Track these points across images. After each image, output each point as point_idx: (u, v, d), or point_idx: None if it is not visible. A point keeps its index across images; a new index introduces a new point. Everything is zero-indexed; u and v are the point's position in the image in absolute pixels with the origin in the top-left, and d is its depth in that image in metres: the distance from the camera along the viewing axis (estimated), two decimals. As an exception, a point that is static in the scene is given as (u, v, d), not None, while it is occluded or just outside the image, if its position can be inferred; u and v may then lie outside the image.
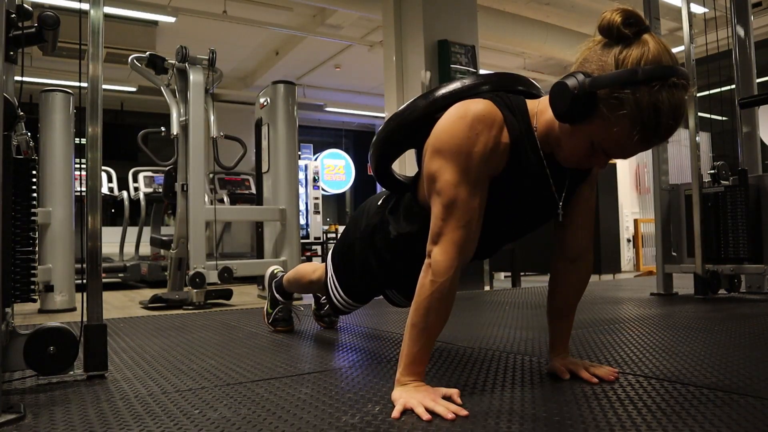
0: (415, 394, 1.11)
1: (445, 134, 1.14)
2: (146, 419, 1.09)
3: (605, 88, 0.98)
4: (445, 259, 1.13)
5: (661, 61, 0.97)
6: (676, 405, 1.11)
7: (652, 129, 0.98)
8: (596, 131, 1.03)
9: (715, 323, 2.22)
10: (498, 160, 1.15)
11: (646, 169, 8.23)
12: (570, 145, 1.10)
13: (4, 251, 1.27)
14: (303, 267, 2.03)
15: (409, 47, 4.39)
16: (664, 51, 0.98)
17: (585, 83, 0.99)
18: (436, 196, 1.15)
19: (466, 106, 1.14)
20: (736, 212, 3.07)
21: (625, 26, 0.99)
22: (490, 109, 1.13)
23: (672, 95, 0.97)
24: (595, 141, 1.05)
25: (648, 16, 3.59)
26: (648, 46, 0.98)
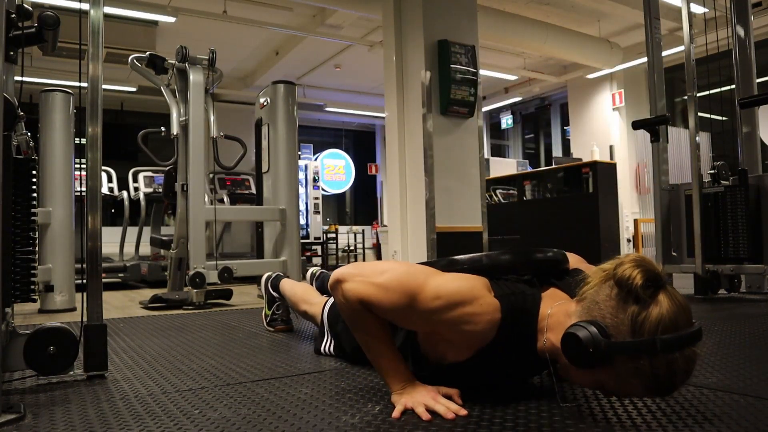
0: (416, 394, 1.11)
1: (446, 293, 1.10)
2: (146, 419, 1.09)
3: (622, 354, 0.95)
4: (358, 292, 1.13)
5: (677, 323, 0.94)
6: (676, 405, 1.12)
7: (664, 391, 0.98)
8: (606, 380, 1.00)
9: (715, 323, 2.22)
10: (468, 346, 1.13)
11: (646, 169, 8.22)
12: (578, 377, 1.05)
13: (4, 251, 1.27)
14: (304, 291, 2.02)
15: (409, 47, 4.39)
16: (679, 311, 0.95)
17: (600, 344, 0.95)
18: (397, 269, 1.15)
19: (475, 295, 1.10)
20: (736, 212, 3.07)
21: (644, 288, 0.96)
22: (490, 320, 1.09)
23: (685, 357, 0.94)
24: (603, 384, 1.02)
25: (648, 16, 3.60)
26: (663, 309, 0.95)
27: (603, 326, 0.97)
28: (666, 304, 0.95)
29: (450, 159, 4.24)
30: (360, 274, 1.15)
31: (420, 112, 3.93)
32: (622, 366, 0.95)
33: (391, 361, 1.17)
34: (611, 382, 0.99)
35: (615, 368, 0.96)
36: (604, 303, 0.99)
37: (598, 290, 1.01)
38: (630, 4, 6.69)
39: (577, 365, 0.99)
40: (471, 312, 1.08)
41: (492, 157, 9.41)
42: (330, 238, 9.54)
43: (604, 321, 0.98)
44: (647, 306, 0.95)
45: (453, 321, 1.09)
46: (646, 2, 3.57)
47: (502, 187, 7.31)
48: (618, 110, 8.70)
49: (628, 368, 0.95)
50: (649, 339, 0.93)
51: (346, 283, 1.15)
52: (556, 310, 1.09)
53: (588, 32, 7.77)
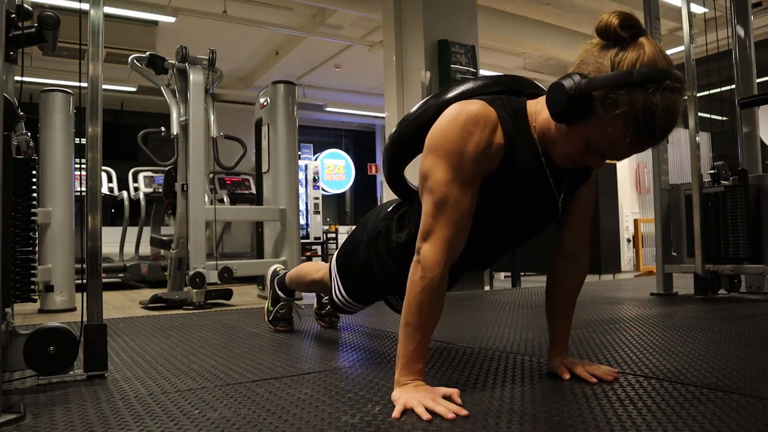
0: (415, 394, 1.11)
1: (438, 134, 1.16)
2: (146, 419, 1.09)
3: (601, 89, 1.00)
4: (434, 255, 1.14)
5: (657, 63, 0.99)
6: (676, 405, 1.12)
7: (647, 130, 1.00)
8: (591, 131, 1.04)
9: (715, 323, 2.22)
10: (491, 159, 1.16)
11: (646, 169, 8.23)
12: (565, 145, 1.11)
13: (4, 251, 1.27)
14: (306, 266, 2.04)
15: (409, 47, 4.39)
16: (659, 54, 1.00)
17: (581, 84, 1.01)
18: (428, 193, 1.16)
19: (460, 107, 1.16)
20: (736, 212, 3.07)
21: (622, 28, 1.01)
22: (483, 110, 1.15)
23: (666, 97, 0.98)
24: (590, 141, 1.06)
25: (648, 16, 3.60)
26: (644, 49, 0.99)
27: (585, 73, 1.03)
28: (647, 46, 1.00)
29: (450, 159, 4.23)
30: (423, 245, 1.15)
31: (420, 112, 3.92)
32: (604, 107, 1.00)
33: (417, 354, 1.16)
34: (595, 133, 1.04)
35: (597, 113, 1.01)
36: (588, 59, 1.05)
37: (583, 56, 1.07)
38: (630, 4, 6.68)
39: (563, 116, 1.04)
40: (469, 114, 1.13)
41: (492, 157, 9.40)
42: (330, 238, 9.54)
43: (587, 69, 1.04)
44: (626, 47, 1.00)
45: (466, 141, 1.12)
46: (646, 2, 3.57)
47: (502, 187, 7.30)
48: (618, 110, 8.68)
49: (608, 108, 0.99)
50: (626, 71, 0.98)
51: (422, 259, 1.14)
52: (542, 104, 1.15)
53: (588, 32, 7.76)
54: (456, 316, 2.60)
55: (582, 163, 1.14)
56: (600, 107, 1.01)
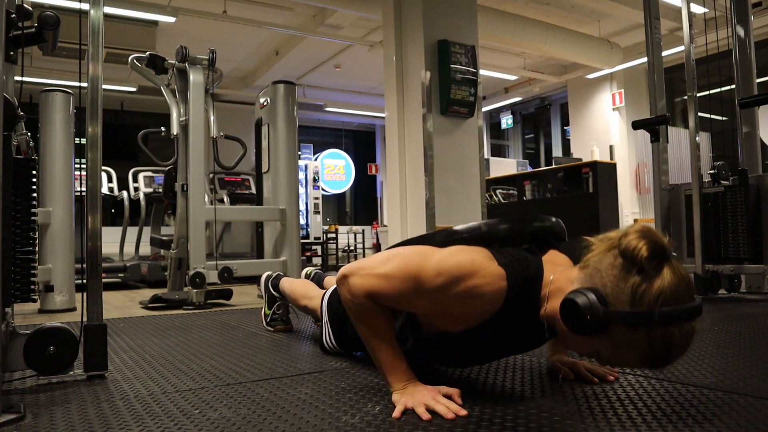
0: (416, 394, 1.11)
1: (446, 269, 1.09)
2: (146, 419, 1.09)
3: (620, 323, 0.95)
4: (363, 284, 1.14)
5: (678, 297, 0.93)
6: (676, 405, 1.11)
7: (661, 362, 0.98)
8: (602, 348, 1.00)
9: (715, 323, 2.22)
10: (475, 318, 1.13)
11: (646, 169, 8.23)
12: (573, 344, 1.07)
13: (4, 251, 1.27)
14: (300, 288, 2.03)
15: (409, 47, 4.39)
16: (681, 285, 0.94)
17: (599, 311, 0.95)
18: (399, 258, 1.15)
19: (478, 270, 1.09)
20: (736, 212, 3.07)
21: (648, 260, 0.94)
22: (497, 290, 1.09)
23: (683, 332, 0.94)
24: (600, 352, 1.02)
25: (648, 16, 3.60)
26: (665, 282, 0.94)
27: (603, 294, 0.96)
28: (668, 278, 0.94)
29: (450, 159, 4.24)
30: (363, 267, 1.17)
31: (420, 112, 3.92)
32: (619, 335, 0.95)
33: (393, 360, 1.17)
34: (607, 351, 1.00)
35: (611, 337, 0.96)
36: (607, 271, 0.98)
37: (602, 258, 1.00)
38: (630, 4, 6.69)
39: (574, 331, 0.99)
40: (476, 284, 1.07)
41: (492, 157, 9.41)
42: (330, 238, 9.54)
43: (604, 289, 0.97)
44: (650, 278, 0.94)
45: (459, 295, 1.08)
46: (646, 2, 3.57)
47: (502, 187, 7.31)
48: (618, 110, 8.70)
49: (624, 338, 0.95)
50: (648, 311, 0.93)
51: (351, 278, 1.16)
52: (558, 276, 1.09)
53: (588, 32, 7.77)
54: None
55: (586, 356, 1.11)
56: (617, 336, 0.96)
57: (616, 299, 0.95)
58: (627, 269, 0.96)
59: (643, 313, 0.93)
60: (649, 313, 0.92)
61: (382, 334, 1.17)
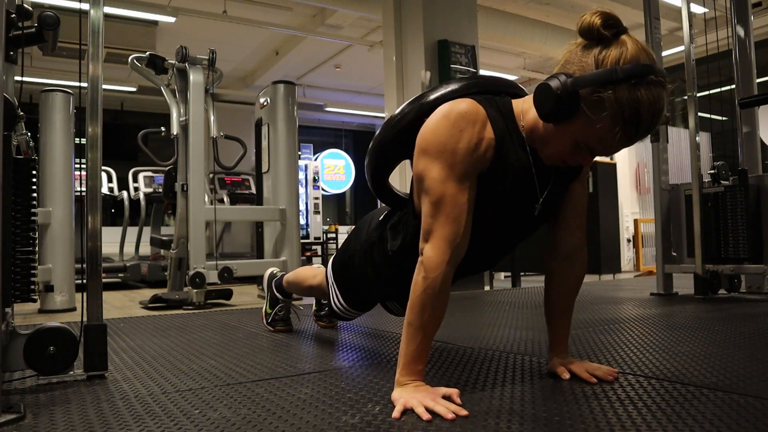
0: (416, 394, 1.11)
1: (430, 133, 1.17)
2: (146, 419, 1.09)
3: (586, 87, 1.02)
4: (436, 254, 1.13)
5: (639, 59, 1.01)
6: (676, 405, 1.12)
7: (633, 125, 1.02)
8: (579, 130, 1.06)
9: (715, 323, 2.22)
10: (483, 155, 1.17)
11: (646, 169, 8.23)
12: (555, 144, 1.13)
13: (4, 251, 1.27)
14: (304, 271, 2.03)
15: (409, 47, 4.39)
16: (641, 50, 1.02)
17: (567, 83, 1.03)
18: (425, 194, 1.17)
19: (450, 106, 1.17)
20: (736, 212, 3.07)
21: (604, 28, 1.03)
22: (473, 107, 1.16)
23: (650, 91, 1.00)
24: (578, 139, 1.08)
25: (648, 16, 3.60)
26: (626, 47, 1.02)
27: (570, 73, 1.05)
28: (629, 43, 1.02)
29: (450, 159, 4.23)
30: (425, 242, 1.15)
31: (420, 112, 3.92)
32: (590, 105, 1.02)
33: (419, 355, 1.16)
34: (583, 131, 1.06)
35: (584, 113, 1.03)
36: (571, 57, 1.08)
37: (567, 56, 1.09)
38: (630, 4, 6.68)
39: (550, 116, 1.06)
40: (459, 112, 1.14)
41: (492, 157, 9.40)
42: (330, 238, 9.54)
43: (571, 68, 1.06)
44: (609, 45, 1.02)
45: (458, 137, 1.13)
46: (646, 2, 3.57)
47: (502, 187, 7.30)
48: (618, 110, 8.68)
49: (594, 107, 1.01)
50: (610, 68, 1.00)
51: (424, 255, 1.14)
52: (528, 103, 1.18)
53: (588, 32, 7.76)
54: (456, 316, 2.60)
55: (572, 161, 1.15)
56: (586, 105, 1.03)
57: (582, 71, 1.04)
58: (588, 45, 1.05)
59: (605, 71, 1.00)
60: (611, 69, 1.00)
61: (429, 325, 1.15)
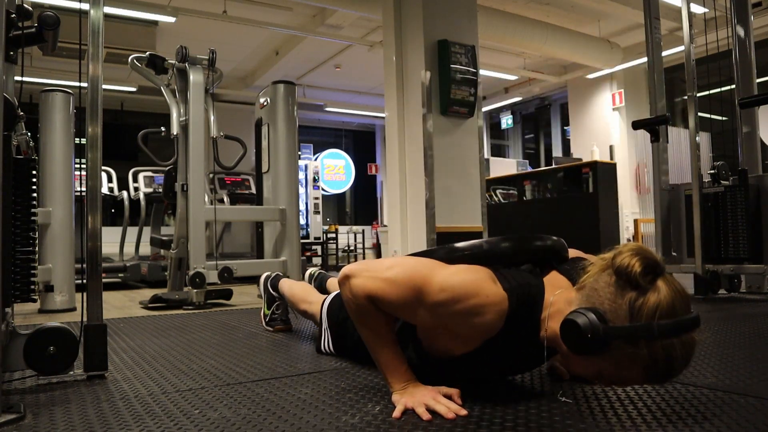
0: (416, 394, 1.11)
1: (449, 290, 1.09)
2: (146, 419, 1.09)
3: (619, 339, 0.96)
4: (365, 287, 1.14)
5: (675, 309, 0.95)
6: (676, 405, 1.12)
7: (664, 376, 0.98)
8: (606, 367, 1.00)
9: (715, 323, 2.21)
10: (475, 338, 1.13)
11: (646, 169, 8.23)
12: (576, 366, 1.06)
13: (4, 251, 1.27)
14: (302, 291, 2.03)
15: (409, 47, 4.39)
16: (677, 297, 0.96)
17: (599, 330, 0.96)
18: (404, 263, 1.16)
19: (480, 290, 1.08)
20: (736, 212, 3.07)
21: (643, 276, 0.97)
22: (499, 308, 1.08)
23: (684, 345, 0.95)
24: (603, 373, 1.02)
25: (648, 16, 3.60)
26: (661, 295, 0.95)
27: (601, 312, 0.97)
28: (664, 291, 0.96)
29: (450, 159, 4.24)
30: (367, 269, 1.17)
31: (420, 112, 3.93)
32: (620, 352, 0.96)
33: (393, 360, 1.17)
34: (610, 370, 1.00)
35: (613, 355, 0.97)
36: (603, 290, 1.00)
37: (598, 278, 1.02)
38: (630, 4, 6.69)
39: (576, 352, 0.99)
40: (478, 303, 1.07)
41: (492, 157, 9.42)
42: (330, 238, 9.54)
43: (602, 307, 0.98)
44: (645, 292, 0.96)
45: (460, 313, 1.08)
46: (646, 2, 3.57)
47: (502, 187, 7.31)
48: (618, 110, 8.70)
49: (625, 354, 0.96)
50: (647, 324, 0.94)
51: (353, 279, 1.16)
52: (557, 298, 1.09)
53: (588, 32, 7.77)
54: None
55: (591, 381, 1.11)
56: (618, 353, 0.97)
57: (614, 316, 0.97)
58: (622, 287, 0.98)
59: (641, 326, 0.94)
60: (647, 325, 0.94)
61: (383, 335, 1.17)
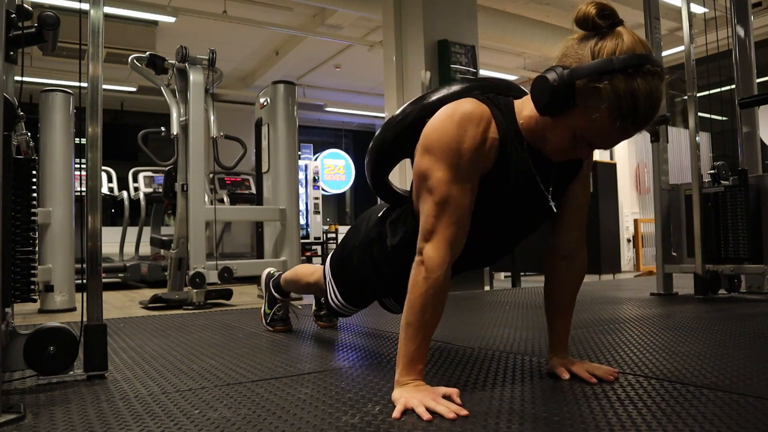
0: (416, 394, 1.11)
1: (434, 133, 1.17)
2: (146, 419, 1.09)
3: (582, 78, 1.02)
4: (438, 255, 1.14)
5: (635, 50, 1.01)
6: (676, 405, 1.12)
7: (631, 116, 1.02)
8: (577, 122, 1.07)
9: (715, 323, 2.22)
10: (487, 155, 1.17)
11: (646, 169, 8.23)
12: (553, 138, 1.13)
13: (4, 251, 1.27)
14: (301, 268, 2.03)
15: (409, 47, 4.39)
16: (637, 42, 1.02)
17: (564, 75, 1.03)
18: (428, 194, 1.17)
19: (454, 106, 1.18)
20: (736, 212, 3.07)
21: (599, 17, 1.03)
22: (477, 107, 1.17)
23: (647, 82, 1.00)
24: (576, 132, 1.08)
25: (648, 16, 3.60)
26: (622, 38, 1.02)
27: (566, 66, 1.05)
28: (625, 35, 1.02)
29: (450, 159, 4.23)
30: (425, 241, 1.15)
31: (420, 112, 3.92)
32: (587, 96, 1.02)
33: (417, 355, 1.16)
34: (581, 123, 1.06)
35: (582, 105, 1.03)
36: (568, 50, 1.07)
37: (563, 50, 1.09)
38: (630, 4, 6.68)
39: (548, 109, 1.06)
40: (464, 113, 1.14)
41: (492, 157, 9.40)
42: (330, 238, 9.53)
43: (568, 61, 1.06)
44: (605, 36, 1.02)
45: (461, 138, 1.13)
46: (646, 2, 3.57)
47: (502, 187, 7.30)
48: (618, 110, 8.68)
49: (592, 98, 1.02)
50: (606, 59, 1.00)
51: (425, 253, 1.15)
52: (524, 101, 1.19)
53: (588, 32, 7.76)
54: (456, 316, 2.60)
55: (572, 155, 1.15)
56: (583, 97, 1.03)
57: (578, 63, 1.03)
58: (584, 38, 1.05)
59: (601, 61, 1.00)
60: (607, 60, 1.00)
61: (429, 325, 1.16)
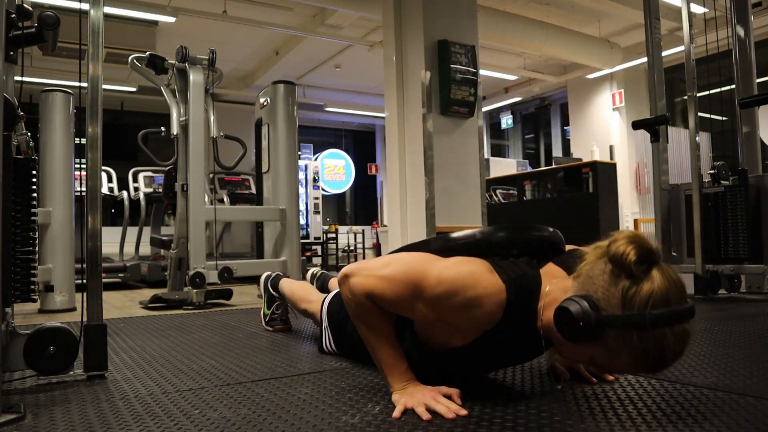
0: (416, 394, 1.11)
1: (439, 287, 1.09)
2: (146, 419, 1.09)
3: (611, 327, 0.95)
4: (364, 285, 1.15)
5: (669, 299, 0.94)
6: (676, 405, 1.12)
7: (655, 366, 0.97)
8: (598, 354, 1.01)
9: (715, 323, 2.22)
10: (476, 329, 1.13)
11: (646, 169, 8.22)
12: (569, 353, 1.08)
13: (4, 251, 1.27)
14: (300, 289, 2.03)
15: (409, 47, 4.39)
16: (671, 287, 0.95)
17: (591, 317, 0.95)
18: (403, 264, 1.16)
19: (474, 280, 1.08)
20: (736, 212, 3.07)
21: (637, 264, 0.95)
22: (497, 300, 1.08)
23: (677, 335, 0.94)
24: (595, 359, 1.03)
25: (648, 16, 3.60)
26: (655, 284, 0.94)
27: (594, 300, 0.97)
28: (658, 280, 0.95)
29: (450, 159, 4.24)
30: (365, 268, 1.18)
31: (420, 112, 3.92)
32: (613, 340, 0.96)
33: (393, 359, 1.17)
34: (602, 356, 1.00)
35: (606, 342, 0.97)
36: (598, 278, 0.99)
37: (593, 266, 1.01)
38: (630, 4, 6.69)
39: (569, 339, 0.99)
40: (476, 295, 1.07)
41: (492, 157, 9.42)
42: (330, 238, 9.54)
43: (596, 295, 0.98)
44: (639, 281, 0.95)
45: (458, 306, 1.08)
46: (646, 2, 3.57)
47: (502, 187, 7.31)
48: (618, 110, 8.70)
49: (618, 343, 0.96)
50: (639, 313, 0.93)
51: (352, 278, 1.17)
52: (554, 287, 1.09)
53: (588, 32, 7.77)
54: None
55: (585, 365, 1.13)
56: (610, 340, 0.96)
57: (607, 304, 0.96)
58: (617, 275, 0.97)
59: (633, 315, 0.93)
60: (639, 315, 0.93)
61: (382, 334, 1.18)
